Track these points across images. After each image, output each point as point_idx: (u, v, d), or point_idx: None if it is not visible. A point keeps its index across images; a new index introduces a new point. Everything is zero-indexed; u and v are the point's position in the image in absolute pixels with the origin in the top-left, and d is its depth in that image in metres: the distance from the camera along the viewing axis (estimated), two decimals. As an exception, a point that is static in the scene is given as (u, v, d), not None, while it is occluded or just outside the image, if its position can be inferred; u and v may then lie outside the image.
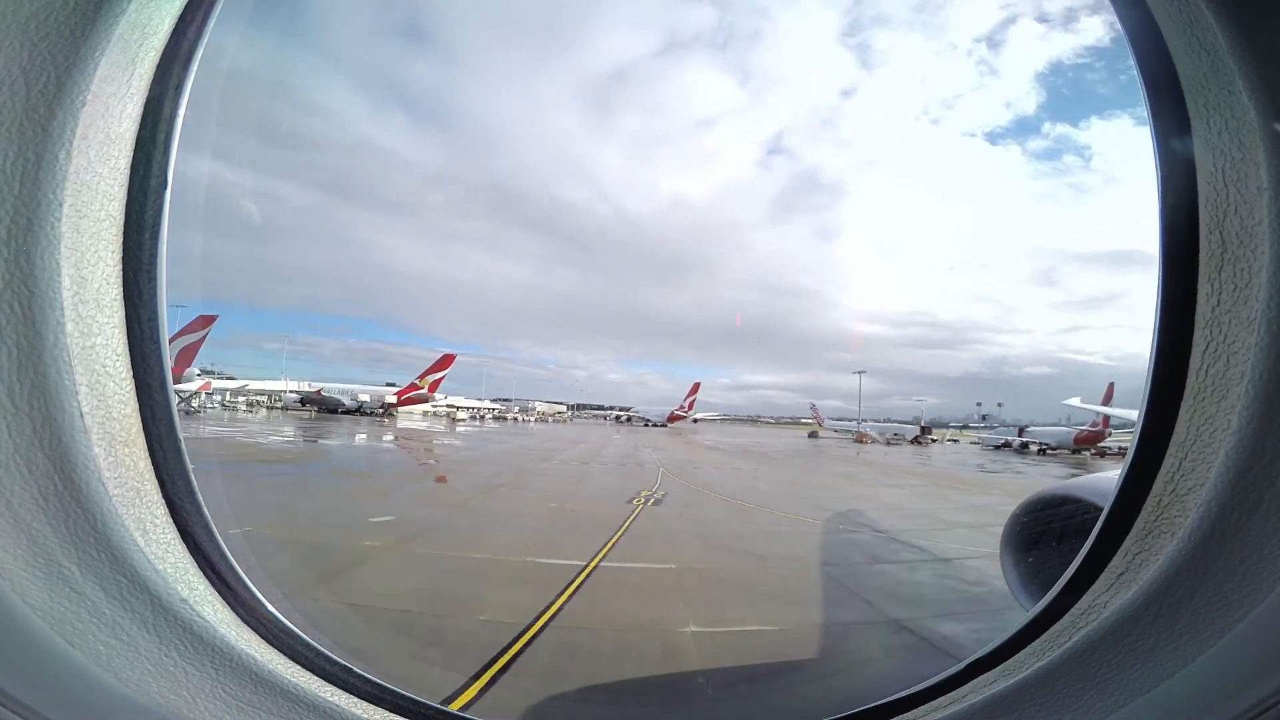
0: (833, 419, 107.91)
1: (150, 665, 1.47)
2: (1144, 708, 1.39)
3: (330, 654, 1.77)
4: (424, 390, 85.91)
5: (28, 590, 1.35)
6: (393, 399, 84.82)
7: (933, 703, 1.74)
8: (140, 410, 1.57)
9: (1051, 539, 4.39)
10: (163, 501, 1.58)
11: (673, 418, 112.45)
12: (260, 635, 1.68)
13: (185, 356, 61.95)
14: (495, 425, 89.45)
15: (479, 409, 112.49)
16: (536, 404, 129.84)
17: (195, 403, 69.15)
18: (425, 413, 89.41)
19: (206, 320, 64.26)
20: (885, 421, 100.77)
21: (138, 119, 1.50)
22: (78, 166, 1.35)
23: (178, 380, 60.50)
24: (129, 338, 1.54)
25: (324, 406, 78.50)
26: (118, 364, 1.51)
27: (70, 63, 1.30)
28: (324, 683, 1.69)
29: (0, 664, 1.32)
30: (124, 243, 1.52)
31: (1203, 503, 1.37)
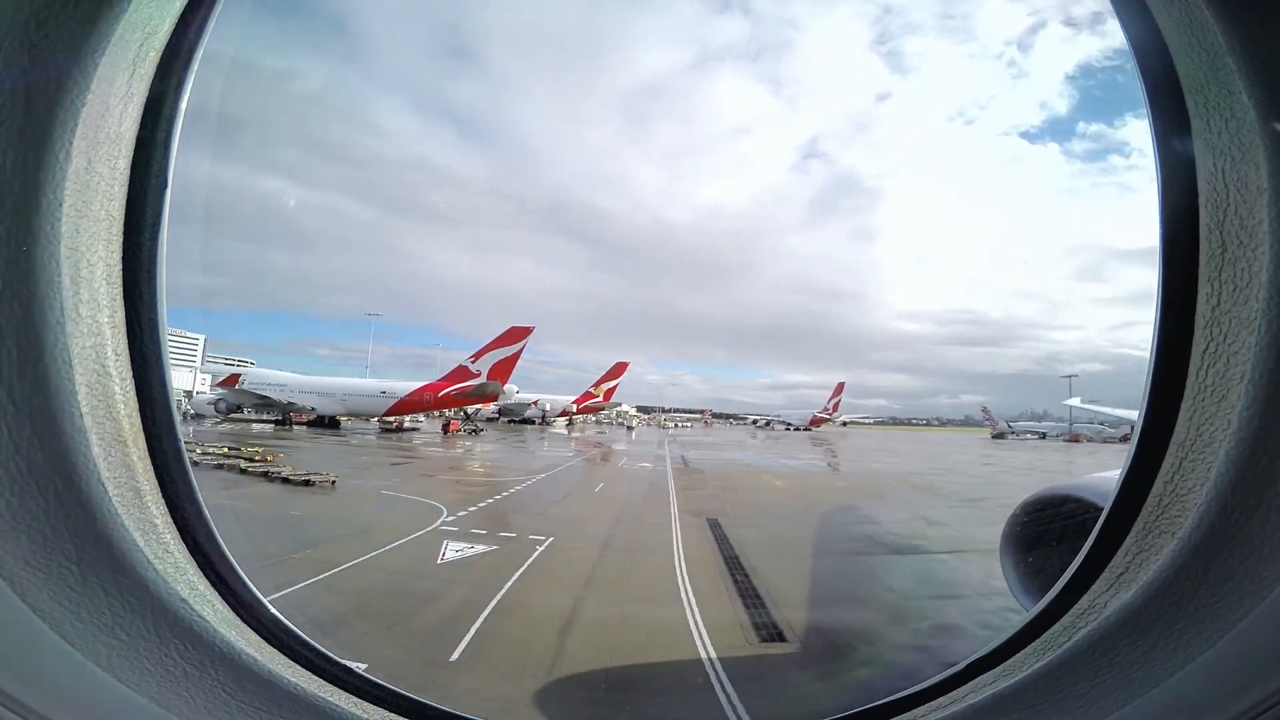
0: (1005, 419, 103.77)
1: (150, 665, 1.46)
2: (1144, 708, 1.39)
3: (330, 654, 1.76)
4: (599, 398, 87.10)
5: (28, 590, 1.35)
6: (572, 408, 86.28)
7: (933, 703, 1.73)
8: (140, 410, 1.56)
9: (1051, 539, 4.34)
10: (163, 501, 1.58)
11: (815, 421, 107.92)
12: (260, 635, 1.67)
13: (501, 370, 58.49)
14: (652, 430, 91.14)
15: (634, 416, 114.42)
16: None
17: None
18: (571, 421, 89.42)
19: (520, 332, 59.68)
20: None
21: (138, 119, 1.49)
22: (78, 166, 1.34)
23: (498, 397, 61.45)
24: (129, 338, 1.54)
25: (514, 417, 78.24)
26: (118, 364, 1.50)
27: (70, 63, 1.29)
28: (324, 683, 1.68)
29: (0, 664, 1.32)
30: (124, 243, 1.51)
31: (1203, 503, 1.37)
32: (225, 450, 29.43)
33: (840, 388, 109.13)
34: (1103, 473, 4.58)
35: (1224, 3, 1.23)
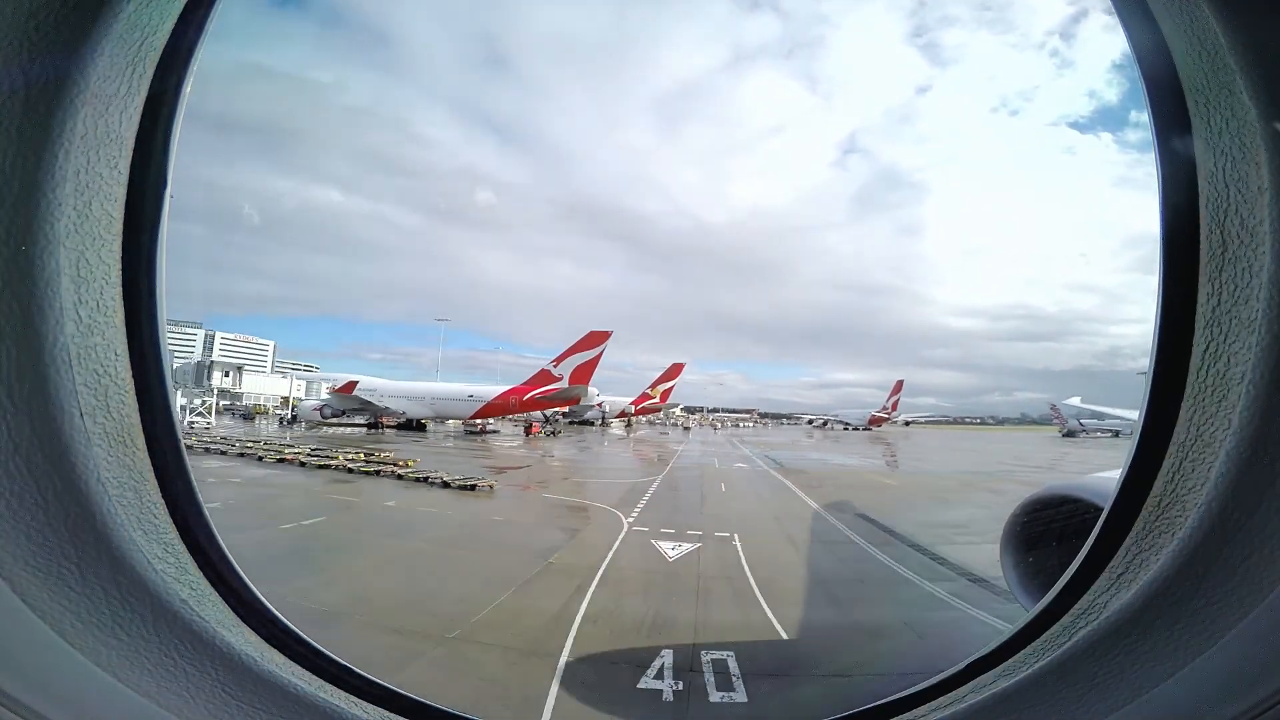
0: (1077, 417, 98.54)
1: (150, 665, 1.47)
2: (1144, 708, 1.39)
3: (330, 654, 1.78)
4: (655, 400, 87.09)
5: (28, 590, 1.35)
6: (630, 409, 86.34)
7: (933, 703, 1.74)
8: (140, 410, 1.56)
9: (1051, 539, 4.33)
10: (163, 502, 1.59)
11: (874, 420, 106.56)
12: (260, 635, 1.69)
13: (582, 374, 59.96)
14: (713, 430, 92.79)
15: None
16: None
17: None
18: (629, 422, 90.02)
19: (600, 336, 61.17)
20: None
21: (138, 119, 1.50)
22: (78, 166, 1.35)
23: (580, 400, 62.56)
24: (129, 338, 1.54)
25: (575, 418, 78.38)
26: (118, 364, 1.51)
27: (70, 63, 1.29)
28: (324, 683, 1.71)
29: (0, 664, 1.32)
30: (124, 243, 1.51)
31: (1203, 503, 1.37)
32: (363, 457, 30.27)
33: (899, 386, 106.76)
34: (1103, 473, 4.71)
35: (1224, 3, 1.23)
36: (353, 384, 55.20)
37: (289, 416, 59.76)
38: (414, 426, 59.26)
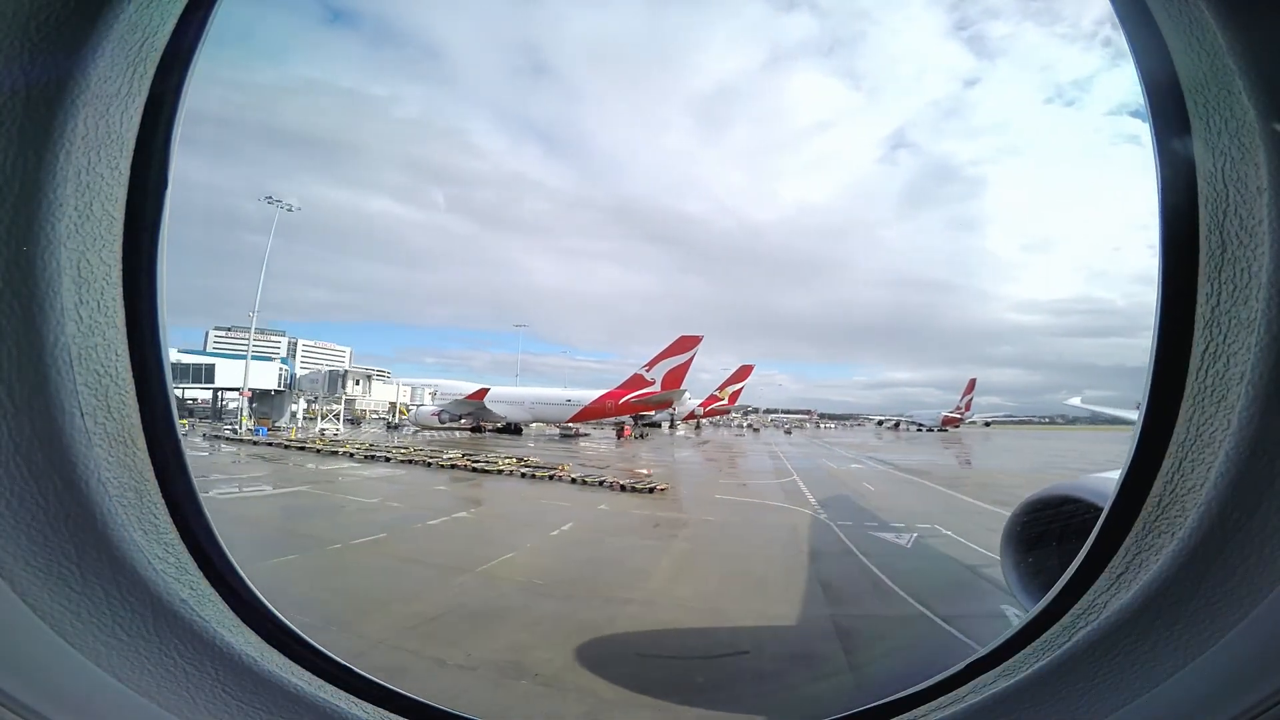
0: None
1: (150, 665, 1.48)
2: (1144, 708, 1.40)
3: (330, 654, 1.78)
4: (724, 401, 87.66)
5: (28, 590, 1.35)
6: (699, 411, 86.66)
7: (933, 703, 1.74)
8: (140, 410, 1.56)
9: (1051, 539, 4.39)
10: (163, 502, 1.59)
11: (948, 421, 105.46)
12: (260, 635, 1.69)
13: (674, 378, 62.23)
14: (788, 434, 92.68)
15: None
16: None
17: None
18: (698, 424, 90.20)
19: (690, 341, 63.12)
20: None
21: (139, 120, 1.50)
22: (78, 166, 1.36)
23: (672, 404, 64.62)
24: (129, 338, 1.54)
25: (646, 420, 79.19)
26: (118, 364, 1.51)
27: (70, 63, 1.30)
28: (324, 683, 1.71)
29: (0, 664, 1.33)
30: (124, 243, 1.52)
31: (1203, 503, 1.37)
32: (518, 461, 30.87)
33: (972, 384, 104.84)
34: (1102, 473, 4.76)
35: (1224, 3, 1.23)
36: (484, 391, 57.78)
37: (394, 421, 62.94)
38: (510, 430, 61.50)
